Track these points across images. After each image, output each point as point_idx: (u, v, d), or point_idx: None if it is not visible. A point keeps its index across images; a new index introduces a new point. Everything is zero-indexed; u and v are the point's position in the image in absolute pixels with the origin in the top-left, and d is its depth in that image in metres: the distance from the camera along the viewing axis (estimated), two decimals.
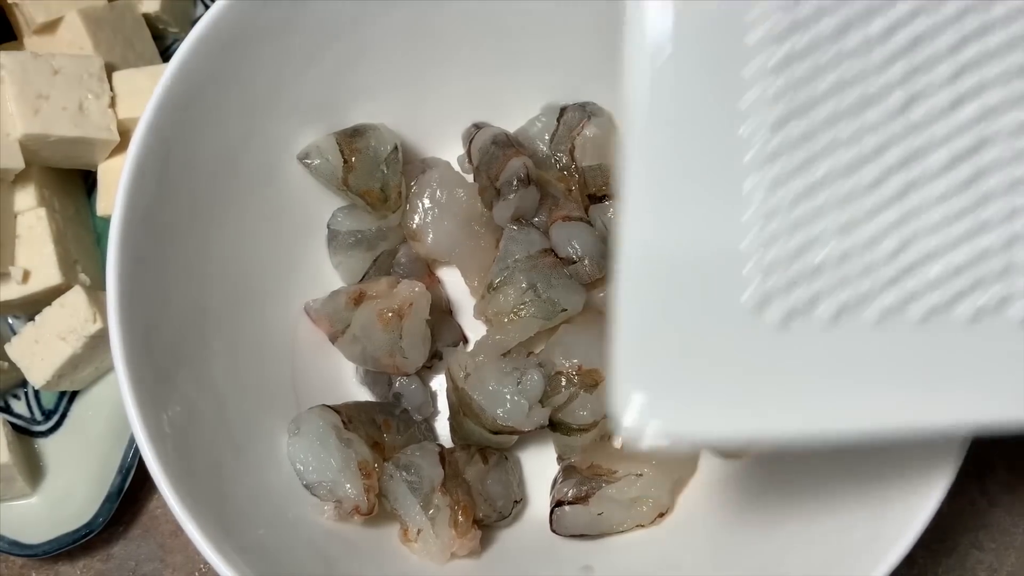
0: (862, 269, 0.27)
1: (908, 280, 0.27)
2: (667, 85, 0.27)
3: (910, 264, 0.27)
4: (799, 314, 0.27)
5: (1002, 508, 0.46)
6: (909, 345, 0.27)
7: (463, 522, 0.40)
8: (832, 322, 0.27)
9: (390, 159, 0.44)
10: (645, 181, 0.28)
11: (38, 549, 0.44)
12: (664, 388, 0.28)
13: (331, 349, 0.44)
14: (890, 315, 0.27)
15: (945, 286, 0.27)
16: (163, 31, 0.52)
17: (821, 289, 0.27)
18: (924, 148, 0.27)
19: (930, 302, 0.27)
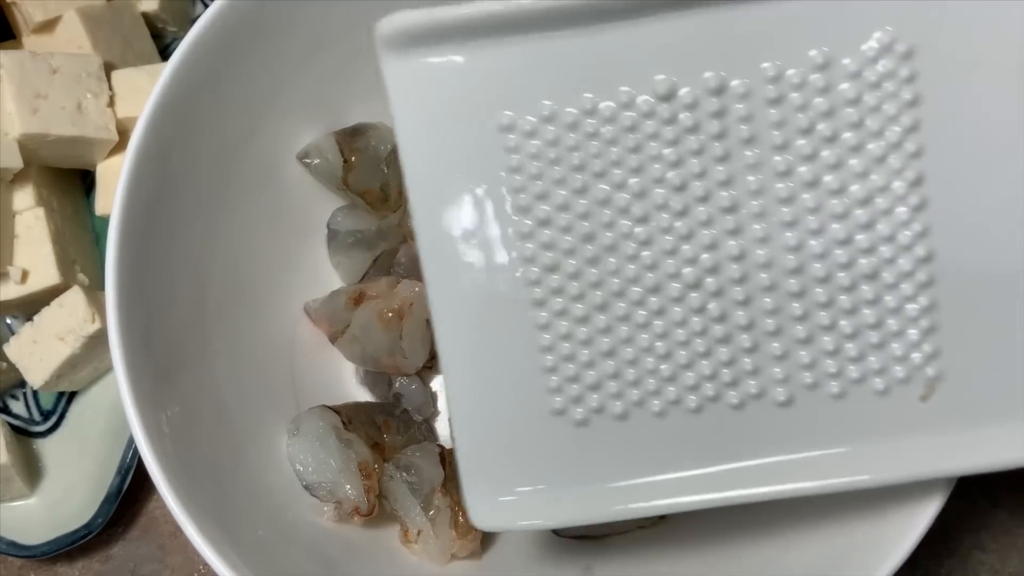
0: (640, 374, 0.33)
1: (681, 378, 0.33)
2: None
3: (680, 366, 0.32)
4: (594, 414, 0.33)
5: (1005, 509, 0.46)
6: (689, 429, 0.33)
7: (464, 523, 0.39)
8: (622, 418, 0.33)
9: (390, 158, 0.44)
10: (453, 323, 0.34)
11: (37, 550, 0.44)
12: (495, 486, 0.34)
13: (331, 349, 0.44)
14: (670, 407, 0.33)
15: (712, 382, 0.32)
16: (162, 30, 0.52)
17: (609, 393, 0.33)
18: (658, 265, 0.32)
19: (704, 394, 0.33)
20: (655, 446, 0.33)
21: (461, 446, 0.34)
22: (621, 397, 0.33)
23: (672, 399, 0.33)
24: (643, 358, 0.33)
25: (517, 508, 0.34)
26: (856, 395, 0.32)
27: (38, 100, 0.45)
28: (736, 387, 0.32)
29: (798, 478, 0.33)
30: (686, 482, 0.33)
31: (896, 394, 0.32)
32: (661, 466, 0.33)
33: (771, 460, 0.33)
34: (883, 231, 0.31)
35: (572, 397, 0.33)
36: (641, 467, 0.33)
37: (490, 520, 0.34)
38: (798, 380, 0.32)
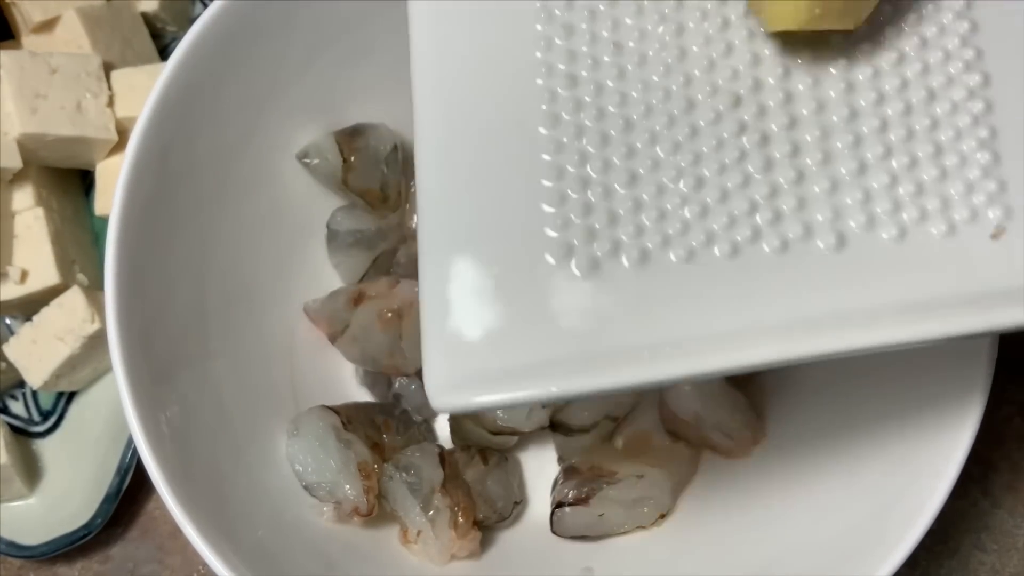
0: (666, 209, 0.28)
1: (714, 215, 0.28)
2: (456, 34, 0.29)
3: (714, 201, 0.28)
4: (604, 261, 0.27)
5: (1005, 509, 0.46)
6: (722, 276, 0.27)
7: (463, 523, 0.39)
8: (640, 262, 0.27)
9: (390, 158, 0.44)
10: (440, 151, 0.30)
11: (36, 550, 0.44)
12: (472, 352, 0.27)
13: (330, 349, 0.44)
14: (699, 250, 0.27)
15: (750, 220, 0.27)
16: (161, 30, 0.52)
17: (625, 232, 0.28)
18: (696, 100, 0.28)
19: (740, 234, 0.27)
20: (679, 296, 0.27)
21: (428, 296, 0.28)
22: (640, 236, 0.27)
23: (703, 240, 0.27)
24: (670, 190, 0.28)
25: (503, 377, 0.27)
26: (917, 236, 0.27)
27: (37, 100, 0.45)
28: (778, 226, 0.27)
29: (853, 332, 0.27)
30: (715, 339, 0.27)
31: (963, 233, 0.27)
32: (685, 321, 0.27)
33: (819, 311, 0.27)
34: (936, 55, 0.28)
35: (579, 235, 0.27)
36: (661, 322, 0.27)
37: (466, 395, 0.27)
38: (851, 219, 0.27)
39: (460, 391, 0.27)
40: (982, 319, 0.27)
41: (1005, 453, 0.47)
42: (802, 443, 0.40)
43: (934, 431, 0.35)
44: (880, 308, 0.27)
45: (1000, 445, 0.46)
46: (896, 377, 0.37)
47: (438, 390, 0.27)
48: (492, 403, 0.27)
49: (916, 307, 0.27)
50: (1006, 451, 0.47)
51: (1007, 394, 0.47)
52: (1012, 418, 0.47)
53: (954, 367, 0.35)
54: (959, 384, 0.34)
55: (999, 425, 0.47)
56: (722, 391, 0.41)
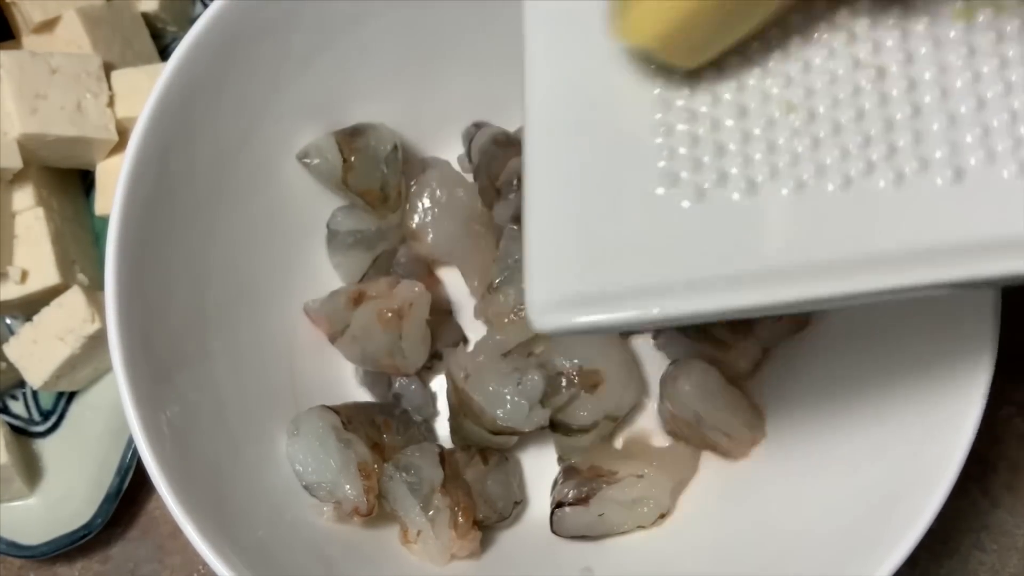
0: (774, 140, 0.27)
1: (827, 146, 0.27)
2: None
3: (829, 132, 0.27)
4: (711, 191, 0.27)
5: (1004, 509, 0.46)
6: (833, 207, 0.27)
7: (463, 523, 0.39)
8: (749, 192, 0.27)
9: (390, 158, 0.44)
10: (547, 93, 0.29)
11: (36, 550, 0.44)
12: (572, 272, 0.27)
13: (330, 349, 0.44)
14: (810, 181, 0.27)
15: (859, 156, 0.27)
16: (161, 30, 0.52)
17: (733, 162, 0.27)
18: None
19: (844, 171, 0.27)
20: (785, 226, 0.27)
21: (533, 217, 0.28)
22: (748, 166, 0.27)
23: (813, 172, 0.27)
24: (779, 123, 0.27)
25: (605, 298, 0.27)
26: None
27: (38, 100, 0.45)
28: (893, 159, 0.26)
29: (972, 262, 0.25)
30: (819, 268, 0.26)
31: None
32: (790, 249, 0.26)
33: (938, 243, 0.26)
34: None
35: (687, 166, 0.28)
36: (765, 250, 0.27)
37: (568, 314, 0.27)
38: (970, 152, 0.26)
39: (562, 310, 0.27)
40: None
41: (1005, 453, 0.46)
42: (802, 443, 0.40)
43: (934, 431, 0.35)
44: (1002, 239, 0.25)
45: (1000, 445, 0.46)
46: (896, 377, 0.37)
47: (540, 308, 0.27)
48: (594, 323, 0.27)
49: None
50: (1006, 451, 0.47)
51: (1007, 394, 0.47)
52: (1012, 418, 0.47)
53: (955, 367, 0.35)
54: (959, 383, 0.34)
55: (999, 425, 0.47)
56: (722, 391, 0.41)
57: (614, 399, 0.42)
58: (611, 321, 0.27)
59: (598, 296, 0.27)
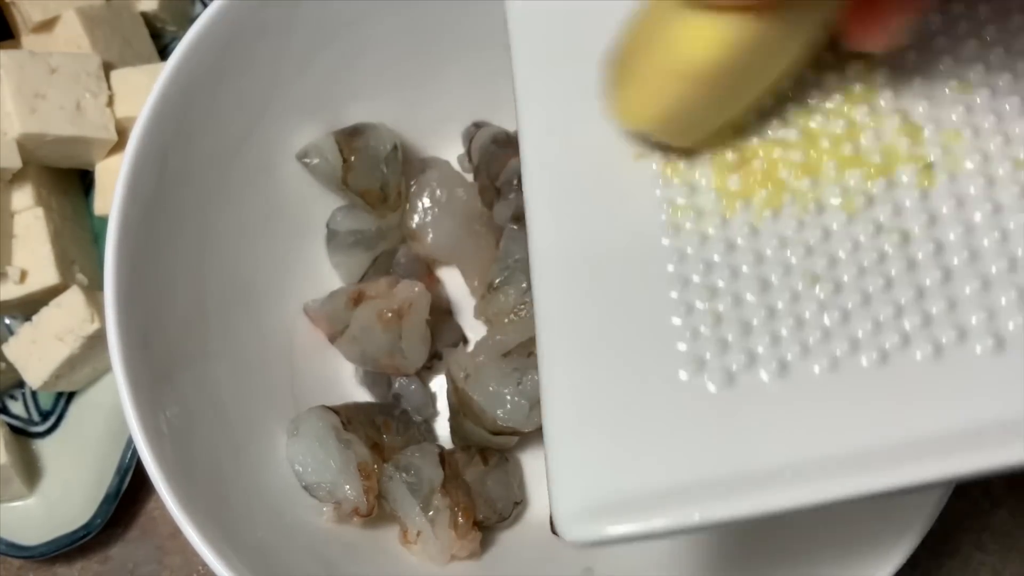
0: (798, 323, 0.25)
1: (850, 327, 0.25)
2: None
3: (847, 313, 0.25)
4: (740, 374, 0.25)
5: (1005, 509, 0.46)
6: (870, 388, 0.24)
7: (463, 524, 0.39)
8: (778, 377, 0.25)
9: (390, 158, 0.44)
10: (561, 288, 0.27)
11: (35, 551, 0.44)
12: (600, 476, 0.25)
13: (330, 349, 0.44)
14: (840, 363, 0.25)
15: (891, 328, 0.25)
16: (161, 29, 0.52)
17: (757, 347, 0.25)
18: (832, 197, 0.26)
19: (880, 345, 0.25)
20: (826, 410, 0.24)
21: (552, 419, 0.26)
22: (777, 346, 0.25)
23: (846, 349, 0.25)
24: (804, 295, 0.25)
25: (638, 503, 0.24)
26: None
27: (37, 100, 0.44)
28: (929, 330, 0.25)
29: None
30: (868, 457, 0.24)
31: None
32: (833, 437, 0.24)
33: (983, 420, 0.23)
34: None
35: (712, 347, 0.26)
36: (806, 438, 0.24)
37: (600, 525, 0.24)
38: (1009, 321, 0.24)
39: (593, 520, 0.24)
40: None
41: None
42: None
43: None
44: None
45: None
46: None
47: (569, 520, 0.25)
48: (629, 533, 0.24)
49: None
50: None
51: None
52: None
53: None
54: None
55: None
56: None
57: None
58: (647, 529, 0.24)
59: (631, 502, 0.24)
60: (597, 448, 0.25)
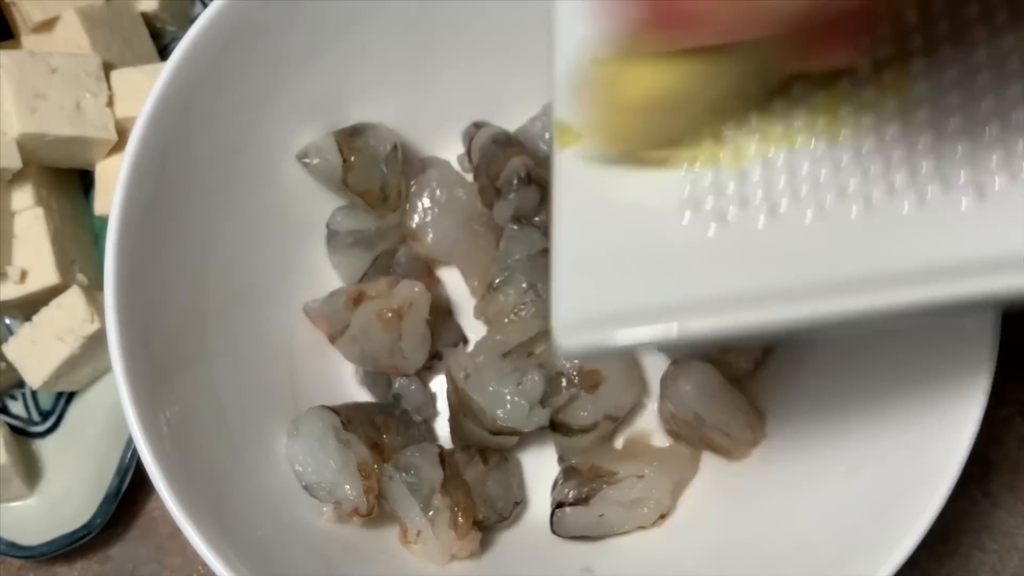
0: (792, 174, 0.28)
1: (840, 177, 0.27)
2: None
3: (839, 164, 0.27)
4: (734, 215, 0.28)
5: (1005, 509, 0.46)
6: (853, 233, 0.27)
7: (463, 523, 0.39)
8: (770, 218, 0.27)
9: (390, 158, 0.44)
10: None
11: (35, 551, 0.44)
12: (602, 296, 0.28)
13: (330, 349, 0.44)
14: (827, 212, 0.27)
15: (881, 180, 0.27)
16: (161, 30, 0.52)
17: (753, 193, 0.28)
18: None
19: (867, 193, 0.27)
20: (808, 247, 0.27)
21: (561, 243, 0.29)
22: (771, 194, 0.28)
23: (835, 196, 0.27)
24: (800, 153, 0.28)
25: (628, 317, 0.27)
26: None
27: (37, 100, 0.44)
28: (916, 181, 0.27)
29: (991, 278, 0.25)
30: (840, 287, 0.26)
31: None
32: (813, 269, 0.27)
33: (957, 261, 0.26)
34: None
35: (711, 192, 0.29)
36: (789, 269, 0.27)
37: (594, 333, 0.27)
38: (993, 173, 0.26)
39: (587, 331, 0.28)
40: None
41: (1005, 453, 0.46)
42: (802, 443, 0.40)
43: (934, 431, 0.35)
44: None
45: (1000, 445, 0.46)
46: (896, 377, 0.37)
47: (566, 329, 0.28)
48: (617, 342, 0.27)
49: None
50: (1006, 451, 0.46)
51: (1007, 394, 0.47)
52: (1012, 418, 0.47)
53: (955, 368, 0.35)
54: (959, 384, 0.34)
55: (999, 425, 0.47)
56: (722, 391, 0.41)
57: (614, 399, 0.42)
58: (633, 340, 0.27)
59: (621, 316, 0.27)
60: (598, 271, 0.29)
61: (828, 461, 0.38)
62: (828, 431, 0.39)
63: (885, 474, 0.36)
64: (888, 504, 0.35)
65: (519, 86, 0.46)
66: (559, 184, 0.31)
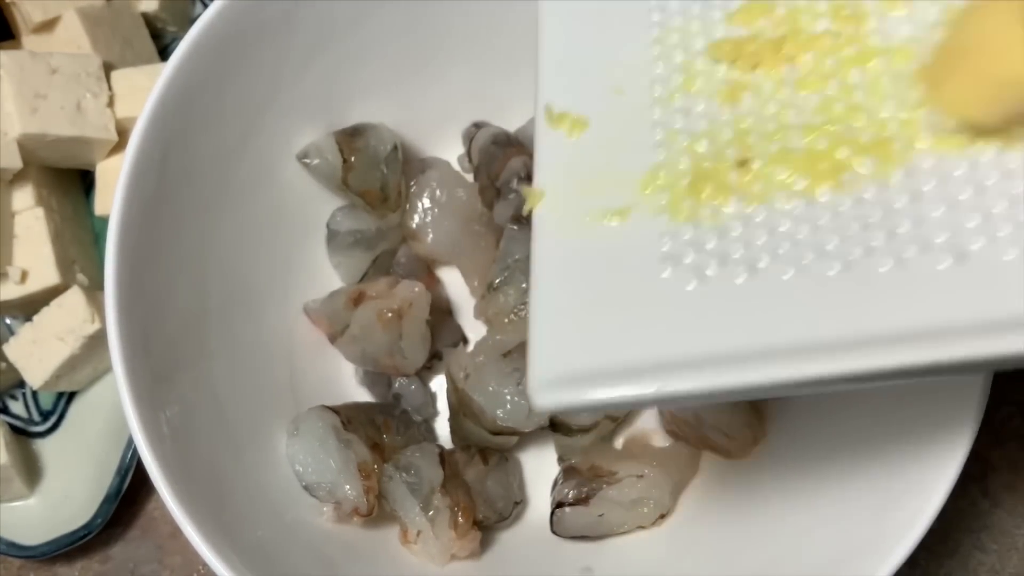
0: (771, 234, 0.28)
1: (818, 237, 0.27)
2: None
3: (817, 227, 0.28)
4: (714, 275, 0.28)
5: (1004, 509, 0.46)
6: (831, 293, 0.27)
7: (463, 523, 0.39)
8: (749, 275, 0.28)
9: (390, 158, 0.44)
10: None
11: (36, 550, 0.44)
12: (579, 353, 0.28)
13: (330, 349, 0.44)
14: (806, 270, 0.27)
15: (857, 241, 0.27)
16: (161, 30, 0.52)
17: (733, 250, 0.28)
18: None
19: (844, 256, 0.27)
20: (789, 306, 0.27)
21: (538, 307, 0.29)
22: (750, 250, 0.28)
23: (813, 257, 0.27)
24: (779, 212, 0.28)
25: (605, 376, 0.27)
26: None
27: (37, 100, 0.45)
28: (893, 243, 0.27)
29: (977, 341, 0.25)
30: (820, 347, 0.26)
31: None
32: (795, 329, 0.26)
33: (943, 324, 0.25)
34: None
35: (691, 249, 0.29)
36: (769, 329, 0.27)
37: (569, 393, 0.27)
38: (973, 237, 0.26)
39: (562, 389, 0.27)
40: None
41: (1005, 453, 0.47)
42: (802, 443, 0.40)
43: (934, 431, 0.35)
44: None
45: (1000, 445, 0.46)
46: None
47: (541, 387, 0.28)
48: (593, 401, 0.27)
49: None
50: (1006, 451, 0.47)
51: (1007, 394, 0.47)
52: (1012, 418, 0.47)
53: None
54: (959, 384, 0.34)
55: (999, 425, 0.47)
56: None
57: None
58: (608, 400, 0.27)
59: (598, 374, 0.27)
60: (576, 327, 0.28)
61: (828, 461, 0.38)
62: (828, 431, 0.39)
63: (884, 474, 0.36)
64: (888, 504, 0.35)
65: (519, 86, 0.46)
66: (537, 240, 0.31)
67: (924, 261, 0.26)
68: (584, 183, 0.31)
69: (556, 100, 0.33)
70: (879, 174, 0.28)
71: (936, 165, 0.27)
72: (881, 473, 0.36)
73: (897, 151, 0.28)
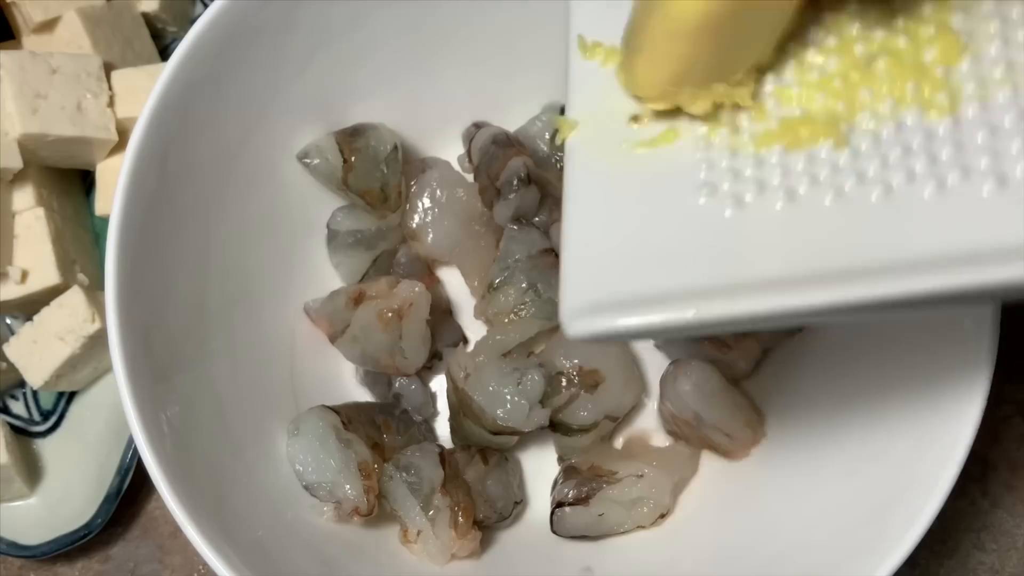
0: (810, 160, 0.28)
1: (858, 163, 0.27)
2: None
3: (858, 152, 0.27)
4: (752, 200, 0.28)
5: (1004, 509, 0.46)
6: (872, 218, 0.26)
7: (463, 523, 0.39)
8: (788, 201, 0.27)
9: (390, 159, 0.44)
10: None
11: (36, 550, 0.44)
12: (613, 279, 0.28)
13: (331, 349, 0.44)
14: (847, 196, 0.27)
15: (899, 167, 0.27)
16: (162, 30, 0.52)
17: (771, 176, 0.28)
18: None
19: (889, 180, 0.27)
20: (832, 232, 0.26)
21: (570, 236, 0.29)
22: (788, 176, 0.28)
23: (854, 181, 0.27)
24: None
25: (640, 302, 0.27)
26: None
27: (38, 100, 0.45)
28: (935, 168, 0.26)
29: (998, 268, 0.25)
30: (852, 273, 0.26)
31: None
32: (836, 254, 0.26)
33: (978, 248, 0.25)
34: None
35: (728, 177, 0.28)
36: (803, 255, 0.26)
37: (603, 319, 0.27)
38: (1015, 161, 0.26)
39: (595, 315, 0.27)
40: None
41: (1004, 453, 0.47)
42: (801, 443, 0.40)
43: (934, 431, 0.35)
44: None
45: (999, 445, 0.46)
46: (896, 377, 0.37)
47: (573, 314, 0.27)
48: (627, 328, 0.27)
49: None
50: (1005, 451, 0.47)
51: (1007, 394, 0.47)
52: (1012, 418, 0.47)
53: (954, 367, 0.35)
54: (959, 384, 0.34)
55: (999, 425, 0.47)
56: (722, 391, 0.41)
57: (614, 399, 0.42)
58: (644, 325, 0.27)
59: (633, 301, 0.27)
60: (610, 255, 0.28)
61: (827, 461, 0.38)
62: (827, 431, 0.39)
63: (884, 474, 0.36)
64: (888, 504, 0.35)
65: (519, 86, 0.46)
66: (569, 170, 0.30)
67: (966, 187, 0.26)
68: (618, 113, 0.31)
69: (589, 30, 0.32)
70: (919, 100, 0.27)
71: (976, 91, 0.27)
72: (881, 472, 0.36)
73: (938, 77, 0.27)
